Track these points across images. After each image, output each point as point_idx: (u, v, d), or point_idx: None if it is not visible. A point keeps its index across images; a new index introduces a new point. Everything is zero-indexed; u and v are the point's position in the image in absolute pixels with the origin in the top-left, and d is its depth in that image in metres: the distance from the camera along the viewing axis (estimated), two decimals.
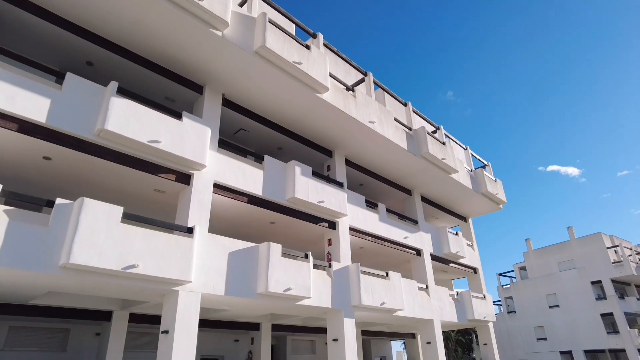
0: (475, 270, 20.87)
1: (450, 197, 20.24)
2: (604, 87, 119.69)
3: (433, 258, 17.81)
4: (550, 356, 36.89)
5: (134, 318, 11.95)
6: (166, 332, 8.46)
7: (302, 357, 18.40)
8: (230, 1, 9.78)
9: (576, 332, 36.46)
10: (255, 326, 15.23)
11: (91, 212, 7.46)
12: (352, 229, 14.21)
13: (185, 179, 9.88)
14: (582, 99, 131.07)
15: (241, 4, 12.25)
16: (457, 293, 18.51)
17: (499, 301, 44.72)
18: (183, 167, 9.78)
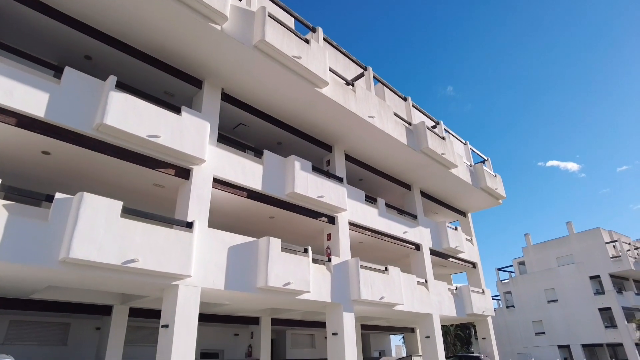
0: (474, 265, 20.94)
1: (449, 192, 20.25)
2: (604, 83, 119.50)
3: (432, 253, 17.85)
4: (548, 350, 37.09)
5: (134, 312, 12.00)
6: (166, 327, 8.50)
7: (302, 351, 18.51)
8: None
9: (574, 327, 36.65)
10: (255, 320, 15.29)
11: (91, 207, 7.46)
12: (352, 224, 14.23)
13: (184, 174, 9.87)
14: (582, 95, 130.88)
15: None
16: (456, 288, 18.58)
17: (498, 296, 44.87)
18: (182, 162, 9.77)
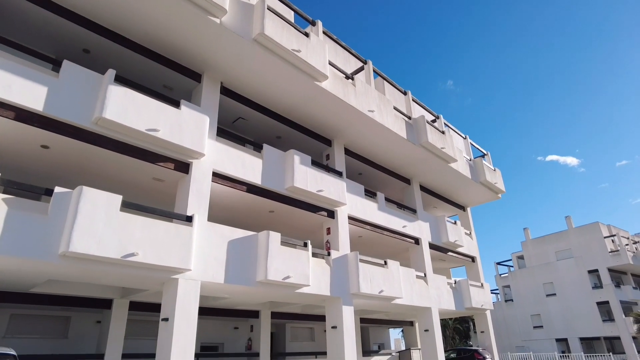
0: (473, 259, 21.01)
1: (449, 186, 20.27)
2: (604, 77, 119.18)
3: (431, 247, 17.91)
4: (546, 343, 37.34)
5: (134, 306, 12.04)
6: (166, 320, 8.53)
7: (301, 345, 18.60)
8: None
9: (572, 320, 36.87)
10: (254, 314, 15.35)
11: (90, 201, 7.46)
12: (351, 218, 14.25)
13: (184, 168, 9.86)
14: (582, 89, 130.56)
15: None
16: (455, 281, 18.66)
17: (497, 290, 45.08)
18: (182, 156, 9.76)
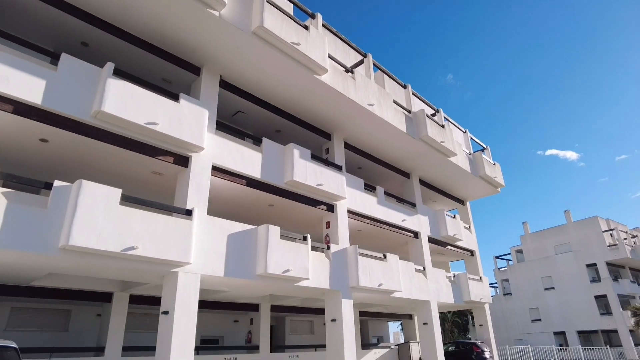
0: (472, 252, 21.08)
1: (448, 180, 20.28)
2: (604, 72, 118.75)
3: (430, 241, 17.96)
4: (543, 337, 37.57)
5: (134, 299, 12.10)
6: (166, 313, 8.57)
7: (301, 337, 18.71)
8: None
9: (570, 314, 37.08)
10: (254, 307, 15.43)
11: (89, 195, 7.46)
12: (351, 212, 14.28)
13: (183, 162, 9.85)
14: (582, 83, 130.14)
15: None
16: (454, 275, 18.74)
17: (495, 283, 45.27)
18: (181, 150, 9.74)
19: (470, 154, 20.83)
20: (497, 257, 46.85)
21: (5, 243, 6.66)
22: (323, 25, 14.43)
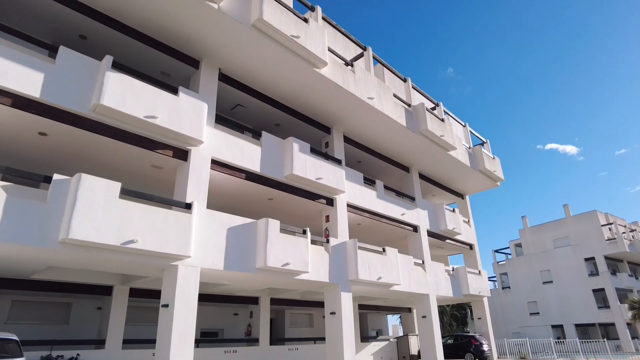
0: (471, 246, 21.15)
1: (448, 174, 20.29)
2: (604, 66, 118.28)
3: (429, 234, 18.00)
4: (541, 330, 37.81)
5: (135, 292, 12.15)
6: (166, 306, 8.61)
7: (300, 330, 18.82)
8: None
9: (568, 307, 37.30)
10: (254, 300, 15.50)
11: (89, 188, 7.46)
12: (350, 206, 14.29)
13: (182, 155, 9.84)
14: (582, 78, 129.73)
15: None
16: (453, 269, 18.81)
17: (494, 277, 45.45)
18: (180, 143, 9.73)
19: (469, 148, 20.82)
20: (496, 251, 47.01)
21: (5, 236, 6.67)
22: (323, 18, 14.35)
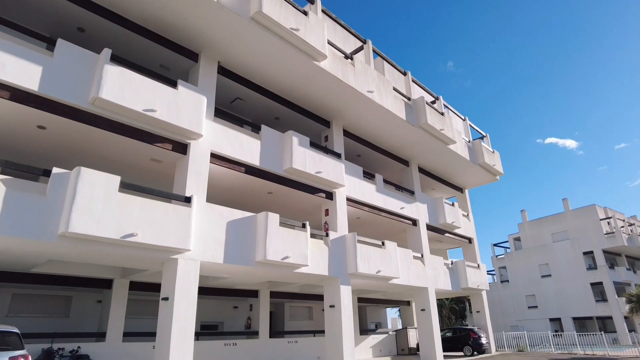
0: (470, 240, 21.21)
1: (447, 168, 20.29)
2: (604, 60, 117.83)
3: (429, 228, 18.04)
4: (539, 323, 38.04)
5: (135, 286, 12.19)
6: (166, 299, 8.65)
7: (300, 323, 18.92)
8: None
9: (566, 301, 37.50)
10: (254, 293, 15.56)
11: (88, 182, 7.45)
12: (349, 200, 14.30)
13: (181, 149, 9.82)
14: (583, 72, 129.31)
15: None
16: (452, 262, 18.88)
17: (493, 271, 45.60)
18: (179, 137, 9.70)
19: (469, 142, 20.80)
20: (495, 245, 47.11)
21: (4, 230, 6.68)
22: (322, 10, 14.26)
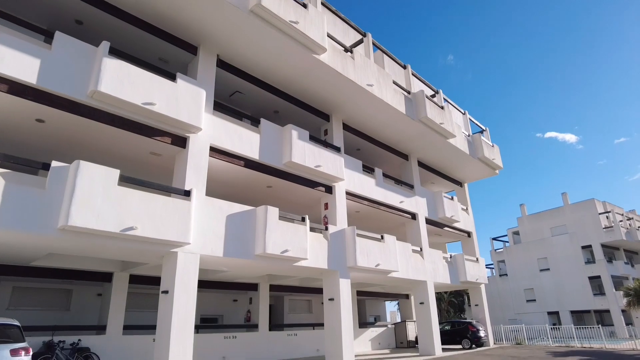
0: (469, 234, 21.26)
1: (447, 162, 20.28)
2: (604, 55, 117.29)
3: (428, 222, 18.08)
4: (538, 316, 38.28)
5: (134, 279, 12.23)
6: (166, 292, 8.68)
7: (299, 316, 19.03)
8: None
9: (564, 294, 37.71)
10: (253, 287, 15.62)
11: (87, 175, 7.45)
12: (349, 193, 14.31)
13: (181, 142, 9.80)
14: (582, 66, 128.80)
15: None
16: (451, 256, 18.94)
17: (492, 264, 45.80)
18: (178, 130, 9.68)
19: (469, 136, 20.77)
20: (494, 239, 47.26)
21: (4, 223, 6.68)
22: (322, 3, 14.17)
